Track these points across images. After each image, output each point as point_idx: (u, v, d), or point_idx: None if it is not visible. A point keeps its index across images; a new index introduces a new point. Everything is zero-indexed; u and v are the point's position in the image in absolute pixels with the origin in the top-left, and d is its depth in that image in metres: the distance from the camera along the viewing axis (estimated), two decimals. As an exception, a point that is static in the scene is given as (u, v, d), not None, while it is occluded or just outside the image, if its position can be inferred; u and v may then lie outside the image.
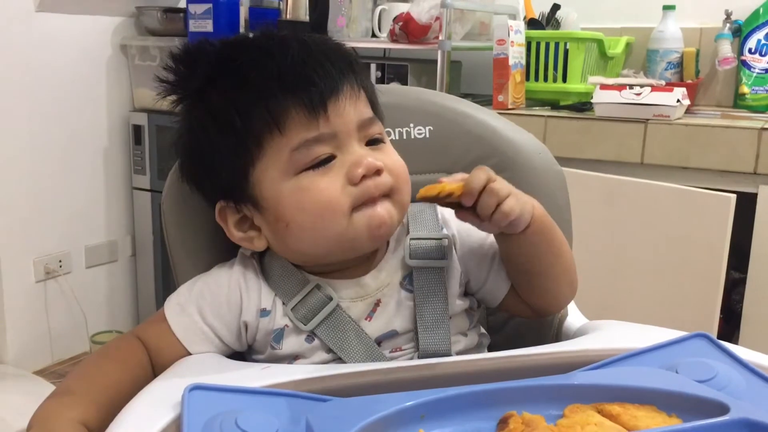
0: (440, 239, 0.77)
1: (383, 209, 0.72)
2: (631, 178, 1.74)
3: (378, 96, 0.90)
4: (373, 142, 0.75)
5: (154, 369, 0.73)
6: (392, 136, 0.90)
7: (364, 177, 0.70)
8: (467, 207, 0.70)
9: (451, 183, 0.69)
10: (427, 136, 0.91)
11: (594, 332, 0.78)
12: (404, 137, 0.91)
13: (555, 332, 0.89)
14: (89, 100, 2.48)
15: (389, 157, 0.75)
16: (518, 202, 0.70)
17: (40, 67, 2.32)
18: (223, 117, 0.71)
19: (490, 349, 0.91)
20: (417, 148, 0.90)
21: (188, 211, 0.83)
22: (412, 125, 0.91)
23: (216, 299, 0.75)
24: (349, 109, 0.72)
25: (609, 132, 1.82)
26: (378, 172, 0.72)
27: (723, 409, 0.56)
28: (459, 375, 0.68)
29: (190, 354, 0.74)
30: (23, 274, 2.38)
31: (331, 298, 0.74)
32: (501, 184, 0.69)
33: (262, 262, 0.78)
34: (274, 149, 0.71)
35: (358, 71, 0.75)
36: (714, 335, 0.70)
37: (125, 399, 0.64)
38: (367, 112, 0.75)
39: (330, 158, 0.71)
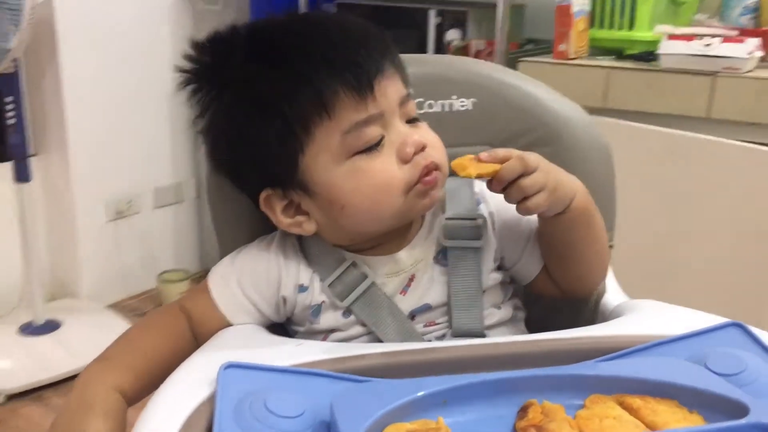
0: (475, 219, 0.78)
1: (433, 178, 0.73)
2: (696, 134, 1.69)
3: (422, 67, 0.90)
4: (409, 122, 0.76)
5: (197, 338, 0.77)
6: (434, 108, 0.90)
7: (413, 154, 0.72)
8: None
9: (486, 166, 0.70)
10: (470, 108, 0.91)
11: (629, 314, 0.78)
12: (446, 109, 0.90)
13: (592, 309, 0.89)
14: (154, 45, 2.52)
15: (429, 134, 0.76)
16: (550, 197, 0.70)
17: (103, 14, 2.36)
18: (269, 104, 0.71)
19: (527, 323, 0.92)
20: (458, 121, 0.90)
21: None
22: (454, 97, 0.90)
23: (255, 274, 0.78)
24: (392, 88, 0.73)
25: (675, 85, 1.76)
26: (423, 148, 0.73)
27: (743, 410, 0.56)
28: (488, 357, 0.68)
29: (231, 324, 0.77)
30: (95, 215, 2.49)
31: (366, 276, 0.76)
32: (532, 180, 0.69)
33: (301, 238, 0.80)
34: (323, 134, 0.71)
35: (392, 50, 0.76)
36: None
37: (163, 367, 0.70)
38: (403, 89, 0.75)
39: (380, 140, 0.72)
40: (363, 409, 0.57)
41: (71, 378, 2.12)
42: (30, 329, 2.25)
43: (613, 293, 0.89)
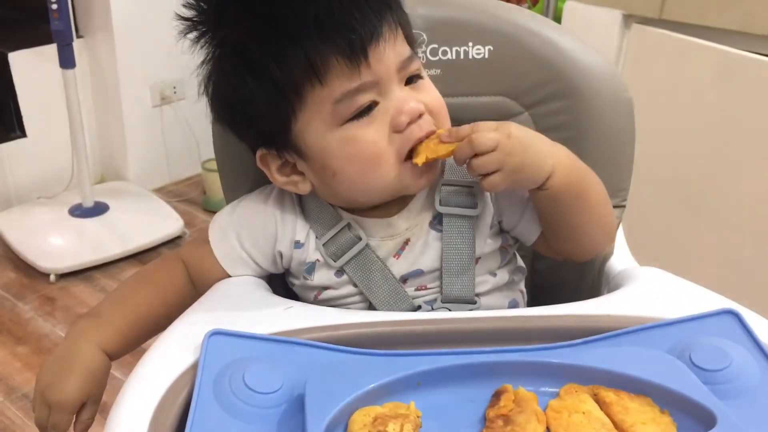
0: (472, 186, 0.77)
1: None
2: (758, 55, 1.57)
3: (437, 9, 0.86)
4: (411, 79, 0.73)
5: (198, 287, 0.79)
6: (448, 55, 0.86)
7: (408, 123, 0.70)
8: None
9: (440, 147, 0.70)
10: (486, 56, 0.86)
11: (628, 286, 0.77)
12: (461, 57, 0.86)
13: (597, 270, 0.88)
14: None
15: (429, 96, 0.74)
16: (507, 178, 0.69)
17: None
18: (261, 66, 0.69)
19: (535, 275, 0.92)
20: (474, 69, 0.86)
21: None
22: (470, 44, 0.86)
23: (252, 227, 0.79)
24: (389, 52, 0.70)
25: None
26: (420, 115, 0.71)
27: (711, 420, 0.56)
28: (474, 332, 0.69)
29: (230, 276, 0.79)
30: (141, 99, 2.53)
31: (360, 238, 0.76)
32: (485, 161, 0.68)
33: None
34: (315, 101, 0.69)
35: (394, 7, 0.72)
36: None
37: (155, 322, 0.74)
38: (405, 50, 0.72)
39: (372, 105, 0.70)
40: (335, 392, 0.59)
41: (119, 261, 2.23)
42: (80, 211, 2.35)
43: (619, 257, 0.87)
